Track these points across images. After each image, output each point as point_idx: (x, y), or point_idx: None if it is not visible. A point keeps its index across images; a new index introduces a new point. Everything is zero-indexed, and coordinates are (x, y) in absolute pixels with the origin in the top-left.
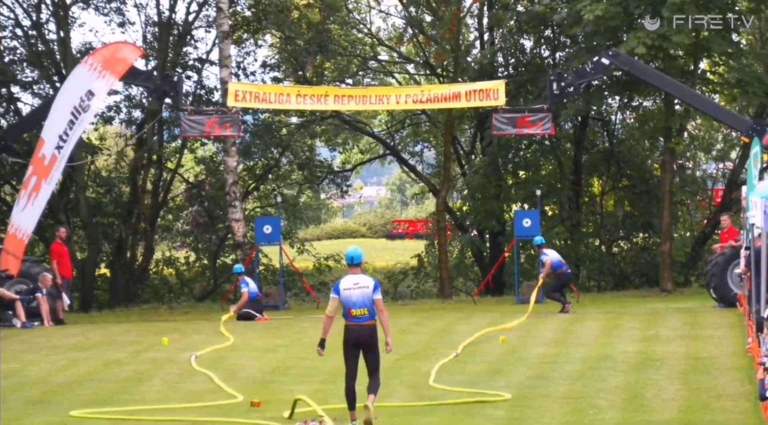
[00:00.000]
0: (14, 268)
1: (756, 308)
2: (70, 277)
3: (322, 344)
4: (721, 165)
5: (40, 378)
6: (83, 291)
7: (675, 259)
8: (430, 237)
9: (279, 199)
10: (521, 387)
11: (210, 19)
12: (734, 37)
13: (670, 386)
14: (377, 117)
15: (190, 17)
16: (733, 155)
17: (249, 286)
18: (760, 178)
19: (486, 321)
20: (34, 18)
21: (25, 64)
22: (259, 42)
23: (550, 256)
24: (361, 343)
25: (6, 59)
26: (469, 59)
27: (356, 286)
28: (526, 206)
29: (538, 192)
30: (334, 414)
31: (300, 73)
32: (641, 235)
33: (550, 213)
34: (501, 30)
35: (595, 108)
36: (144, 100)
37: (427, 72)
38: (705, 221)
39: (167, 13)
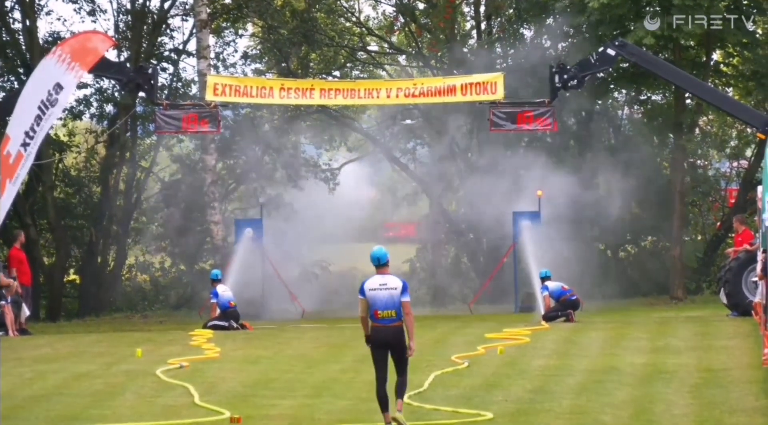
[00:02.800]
0: None
1: None
2: (29, 285)
3: (368, 340)
4: (735, 164)
5: (5, 392)
6: (51, 299)
7: (686, 264)
8: (422, 241)
9: (261, 200)
10: (521, 402)
11: (187, 7)
12: (749, 26)
13: (681, 400)
14: (366, 112)
15: (166, 5)
16: (748, 152)
17: (219, 297)
18: None
19: (483, 331)
20: None
21: None
22: (240, 31)
23: (550, 289)
24: (389, 344)
25: None
26: (465, 50)
27: (383, 287)
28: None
29: (539, 192)
30: None
31: (284, 65)
32: (650, 238)
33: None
34: (499, 19)
35: (600, 102)
36: (116, 94)
37: (420, 64)
38: (718, 224)
39: (141, 1)
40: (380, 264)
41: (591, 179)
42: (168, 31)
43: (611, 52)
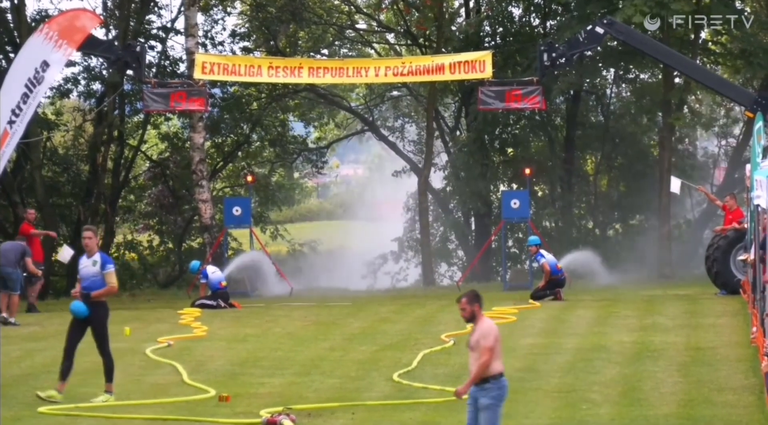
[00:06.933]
0: None
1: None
2: (41, 261)
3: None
4: (723, 142)
5: None
6: None
7: (674, 242)
8: (410, 219)
9: (249, 178)
10: (509, 381)
11: None
12: (738, 4)
13: (669, 378)
14: (355, 91)
15: None
16: (737, 131)
17: (209, 278)
18: (765, 156)
19: None
20: None
21: None
22: (228, 9)
23: (548, 259)
24: None
25: None
26: (453, 28)
27: None
28: (514, 185)
29: (528, 171)
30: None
31: (272, 43)
32: (638, 217)
33: (540, 194)
34: None
35: (588, 81)
36: (104, 72)
37: (409, 42)
38: (705, 203)
39: None
40: None
41: (579, 157)
42: (156, 9)
43: (599, 30)
